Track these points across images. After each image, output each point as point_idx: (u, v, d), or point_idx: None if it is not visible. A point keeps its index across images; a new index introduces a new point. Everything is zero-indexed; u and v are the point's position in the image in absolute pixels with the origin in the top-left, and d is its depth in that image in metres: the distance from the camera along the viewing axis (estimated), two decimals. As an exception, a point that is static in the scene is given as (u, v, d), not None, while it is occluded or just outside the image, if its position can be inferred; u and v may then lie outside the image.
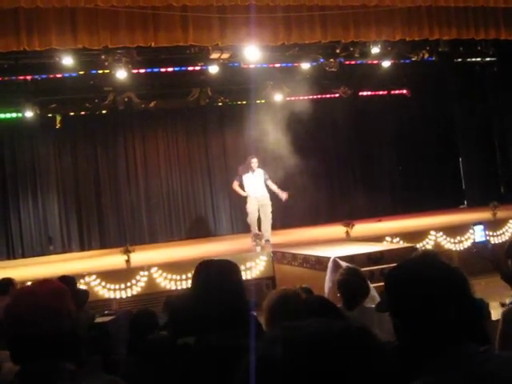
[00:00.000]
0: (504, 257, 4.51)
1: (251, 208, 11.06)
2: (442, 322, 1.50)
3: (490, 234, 10.47)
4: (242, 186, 11.14)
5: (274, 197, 11.30)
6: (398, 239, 10.18)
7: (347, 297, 4.12)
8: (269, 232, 11.04)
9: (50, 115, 13.39)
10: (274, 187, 11.14)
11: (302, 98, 14.73)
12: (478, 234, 3.97)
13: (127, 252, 9.45)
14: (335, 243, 9.75)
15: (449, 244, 10.51)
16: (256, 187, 10.96)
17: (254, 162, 10.98)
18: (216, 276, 1.79)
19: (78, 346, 1.81)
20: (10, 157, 13.80)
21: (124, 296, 9.03)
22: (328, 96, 15.31)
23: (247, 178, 11.03)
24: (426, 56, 12.73)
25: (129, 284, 9.08)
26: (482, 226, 4.03)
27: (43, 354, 1.70)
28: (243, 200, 11.43)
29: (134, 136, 14.70)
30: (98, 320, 5.68)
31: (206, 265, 1.90)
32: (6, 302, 1.84)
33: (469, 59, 13.89)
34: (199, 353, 1.65)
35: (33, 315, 1.71)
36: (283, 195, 11.09)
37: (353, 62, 13.02)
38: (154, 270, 9.25)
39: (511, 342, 3.06)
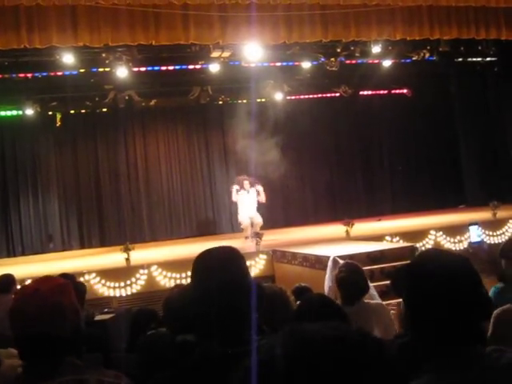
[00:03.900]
0: (499, 257, 4.49)
1: (244, 223, 11.63)
2: (452, 320, 1.47)
3: (490, 233, 10.48)
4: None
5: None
6: (397, 238, 10.18)
7: (346, 293, 4.14)
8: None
9: (50, 113, 13.39)
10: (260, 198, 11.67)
11: (302, 97, 14.74)
12: (474, 234, 3.96)
13: (127, 250, 9.45)
14: (335, 242, 9.77)
15: (448, 244, 10.50)
16: (248, 208, 11.56)
17: (246, 183, 11.59)
18: (215, 270, 1.68)
19: (81, 341, 1.79)
20: (11, 154, 13.79)
21: (124, 294, 9.03)
22: (328, 95, 15.31)
23: (242, 196, 11.62)
24: (427, 55, 12.71)
25: (128, 282, 9.09)
26: (476, 226, 4.02)
27: (49, 350, 1.68)
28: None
29: (134, 134, 14.70)
30: (98, 318, 5.70)
31: (204, 257, 1.77)
32: (7, 300, 1.82)
33: (470, 59, 13.87)
34: (201, 361, 1.61)
35: (40, 313, 1.68)
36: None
37: (353, 62, 13.01)
38: (153, 268, 9.26)
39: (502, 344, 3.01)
